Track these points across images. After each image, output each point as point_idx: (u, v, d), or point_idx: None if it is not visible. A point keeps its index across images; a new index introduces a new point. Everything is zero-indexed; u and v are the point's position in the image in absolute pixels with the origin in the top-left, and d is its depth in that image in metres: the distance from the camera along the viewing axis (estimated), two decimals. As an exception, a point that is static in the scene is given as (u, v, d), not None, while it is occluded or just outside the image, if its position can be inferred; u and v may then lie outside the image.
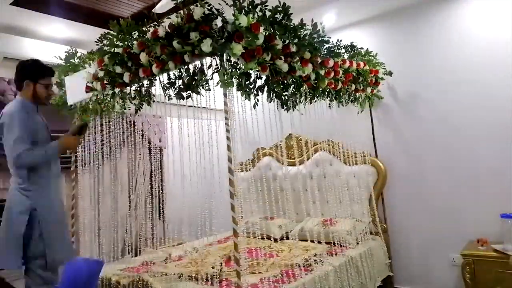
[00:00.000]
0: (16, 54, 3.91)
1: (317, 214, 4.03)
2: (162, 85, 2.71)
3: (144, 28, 2.58)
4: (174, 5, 2.42)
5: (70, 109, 3.61)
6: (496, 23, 3.71)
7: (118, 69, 2.76)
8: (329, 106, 3.67)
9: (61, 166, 3.95)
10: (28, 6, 3.65)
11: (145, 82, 2.90)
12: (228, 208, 2.43)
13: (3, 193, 3.79)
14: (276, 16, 2.43)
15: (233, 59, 2.34)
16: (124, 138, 4.30)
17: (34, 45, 4.05)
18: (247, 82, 2.45)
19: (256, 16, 2.34)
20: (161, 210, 4.69)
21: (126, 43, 2.68)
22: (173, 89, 2.67)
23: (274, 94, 2.82)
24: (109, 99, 3.31)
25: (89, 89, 3.14)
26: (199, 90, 2.56)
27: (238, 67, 2.36)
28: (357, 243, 3.89)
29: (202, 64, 2.46)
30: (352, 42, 3.73)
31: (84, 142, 3.73)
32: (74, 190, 3.90)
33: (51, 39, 4.24)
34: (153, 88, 2.87)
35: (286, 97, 2.92)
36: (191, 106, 2.76)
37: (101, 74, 2.92)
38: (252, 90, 2.60)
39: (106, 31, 2.85)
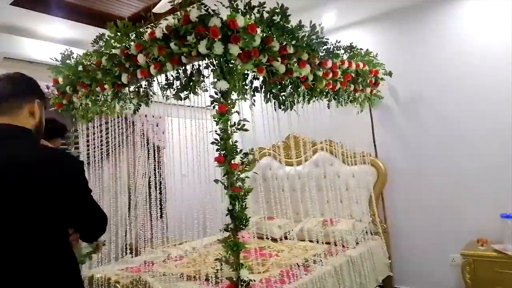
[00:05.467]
0: (16, 54, 3.91)
1: (316, 214, 4.03)
2: (160, 86, 2.71)
3: (141, 30, 2.57)
4: (171, 6, 2.42)
5: (68, 110, 3.62)
6: (496, 24, 3.70)
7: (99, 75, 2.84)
8: (328, 106, 3.66)
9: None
10: (28, 6, 3.65)
11: (143, 83, 2.91)
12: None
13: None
14: (273, 18, 2.43)
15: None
16: (124, 138, 4.31)
17: (34, 45, 4.04)
18: (243, 83, 2.45)
19: (253, 17, 2.33)
20: (161, 210, 4.69)
21: (123, 44, 2.68)
22: (171, 90, 2.68)
23: (272, 95, 2.82)
24: (109, 100, 3.33)
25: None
26: (196, 90, 2.56)
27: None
28: (357, 243, 3.90)
29: (199, 65, 2.46)
30: (352, 43, 3.72)
31: (84, 142, 3.75)
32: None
33: (51, 39, 4.24)
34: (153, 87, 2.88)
35: (284, 98, 2.91)
36: (189, 106, 2.77)
37: (100, 75, 2.93)
38: (249, 91, 2.60)
39: (105, 31, 2.86)
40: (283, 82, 2.84)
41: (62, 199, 1.40)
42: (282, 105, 2.95)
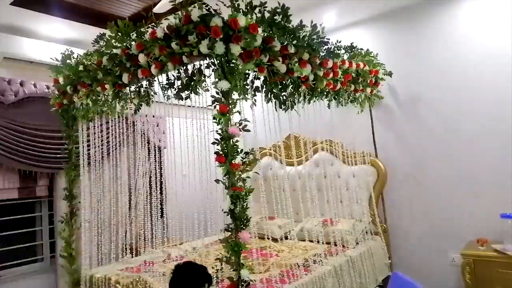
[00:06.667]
0: (16, 54, 3.91)
1: (317, 214, 4.03)
2: (161, 85, 2.71)
3: (142, 29, 2.57)
4: (172, 6, 2.42)
5: (68, 110, 3.62)
6: (496, 24, 3.70)
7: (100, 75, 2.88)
8: (328, 106, 3.67)
9: (58, 165, 4.00)
10: (28, 6, 3.65)
11: (144, 83, 2.90)
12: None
13: (3, 193, 3.79)
14: (275, 17, 2.43)
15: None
16: (124, 138, 4.31)
17: (34, 45, 4.04)
18: (244, 83, 2.45)
19: (254, 17, 2.33)
20: (162, 210, 4.69)
21: (124, 44, 2.68)
22: (172, 90, 2.68)
23: (272, 95, 2.82)
24: (110, 100, 3.33)
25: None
26: (197, 90, 2.56)
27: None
28: (357, 243, 3.90)
29: (200, 65, 2.46)
30: (352, 43, 3.73)
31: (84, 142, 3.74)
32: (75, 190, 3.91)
33: (51, 39, 4.24)
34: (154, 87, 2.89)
35: (284, 97, 2.91)
36: (190, 106, 2.77)
37: (100, 75, 2.93)
38: (249, 91, 2.60)
39: (105, 31, 2.86)
40: (284, 82, 2.84)
41: None
42: (282, 105, 2.95)
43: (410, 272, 4.11)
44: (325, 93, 3.37)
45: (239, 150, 2.29)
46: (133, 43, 2.63)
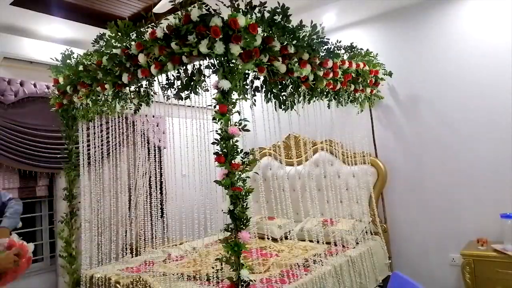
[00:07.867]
0: (16, 54, 3.91)
1: (317, 214, 4.03)
2: (161, 85, 2.71)
3: (142, 29, 2.57)
4: (172, 6, 2.41)
5: (68, 110, 3.63)
6: (496, 24, 3.70)
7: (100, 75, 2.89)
8: (328, 106, 3.67)
9: (58, 165, 4.00)
10: (28, 6, 3.65)
11: (144, 83, 2.91)
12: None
13: (3, 193, 3.79)
14: (274, 17, 2.42)
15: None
16: (124, 138, 4.31)
17: (34, 45, 4.05)
18: (244, 83, 2.45)
19: (254, 17, 2.33)
20: (162, 210, 4.69)
21: (124, 44, 2.68)
22: (172, 90, 2.68)
23: (272, 95, 2.82)
24: (110, 100, 3.33)
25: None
26: (197, 90, 2.56)
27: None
28: (357, 243, 3.90)
29: (200, 65, 2.46)
30: (352, 43, 3.73)
31: (84, 142, 3.74)
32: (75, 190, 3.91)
33: (51, 39, 4.24)
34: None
35: (284, 98, 2.91)
36: (190, 106, 2.77)
37: (100, 75, 2.93)
38: (249, 91, 2.60)
39: (105, 31, 2.86)
40: (284, 82, 2.84)
41: None
42: (282, 105, 2.95)
43: (410, 272, 4.14)
44: (325, 93, 3.37)
45: (238, 150, 2.29)
46: (133, 43, 2.63)
